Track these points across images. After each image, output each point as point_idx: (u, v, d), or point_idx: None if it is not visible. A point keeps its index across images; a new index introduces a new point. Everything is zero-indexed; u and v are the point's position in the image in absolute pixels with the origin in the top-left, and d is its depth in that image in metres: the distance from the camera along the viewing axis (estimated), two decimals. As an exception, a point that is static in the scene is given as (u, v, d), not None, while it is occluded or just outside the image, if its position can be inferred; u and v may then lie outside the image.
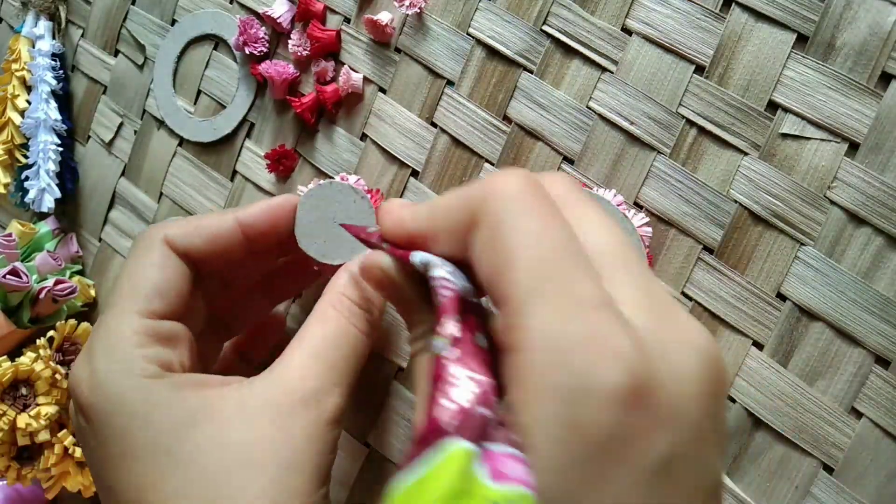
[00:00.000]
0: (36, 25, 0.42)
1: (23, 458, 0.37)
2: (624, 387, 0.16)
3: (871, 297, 0.28)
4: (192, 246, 0.28)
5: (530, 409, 0.16)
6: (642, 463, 0.16)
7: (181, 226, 0.28)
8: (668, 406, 0.16)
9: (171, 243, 0.28)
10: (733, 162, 0.30)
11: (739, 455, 0.30)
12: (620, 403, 0.16)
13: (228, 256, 0.29)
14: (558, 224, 0.18)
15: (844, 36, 0.28)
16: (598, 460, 0.16)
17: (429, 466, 0.15)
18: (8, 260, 0.38)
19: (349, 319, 0.27)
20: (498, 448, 0.15)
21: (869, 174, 0.28)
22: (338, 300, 0.27)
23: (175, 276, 0.27)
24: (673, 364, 0.17)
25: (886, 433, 0.28)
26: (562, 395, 0.16)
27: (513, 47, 0.33)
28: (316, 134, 0.37)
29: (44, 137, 0.41)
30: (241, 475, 0.22)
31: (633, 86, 0.31)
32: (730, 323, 0.30)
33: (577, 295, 0.17)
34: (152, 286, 0.26)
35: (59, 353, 0.38)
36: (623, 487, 0.16)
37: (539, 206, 0.18)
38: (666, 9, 0.30)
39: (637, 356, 0.16)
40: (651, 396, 0.16)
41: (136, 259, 0.27)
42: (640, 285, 0.18)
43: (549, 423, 0.16)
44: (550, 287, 0.17)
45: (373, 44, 0.35)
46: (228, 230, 0.29)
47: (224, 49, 0.39)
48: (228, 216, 0.29)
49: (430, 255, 0.20)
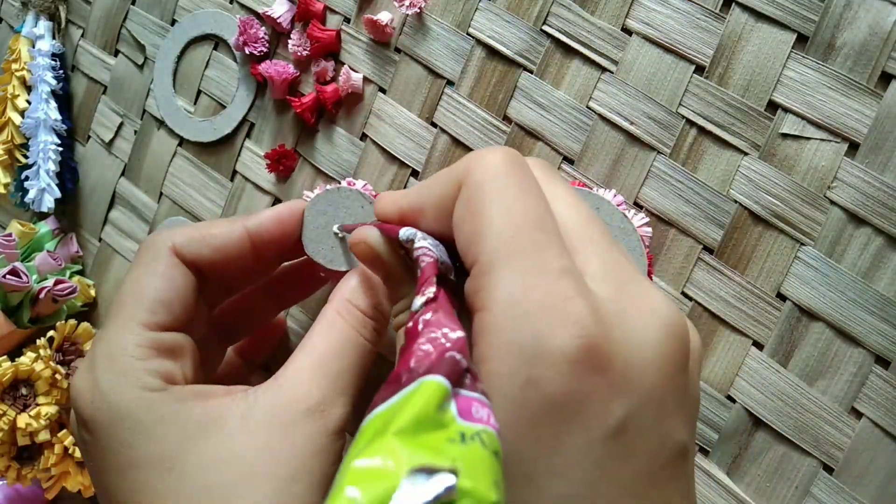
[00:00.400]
0: (36, 25, 0.42)
1: (23, 458, 0.37)
2: (578, 349, 0.16)
3: (871, 297, 0.28)
4: (199, 255, 0.27)
5: (491, 367, 0.17)
6: (596, 426, 0.16)
7: (189, 234, 0.28)
8: (624, 372, 0.17)
9: (179, 252, 0.27)
10: (733, 162, 0.30)
11: (739, 455, 0.30)
12: (574, 365, 0.16)
13: (236, 265, 0.29)
14: (534, 196, 0.19)
15: (844, 36, 0.28)
16: (552, 421, 0.16)
17: (402, 395, 0.15)
18: (8, 260, 0.38)
19: (354, 327, 0.26)
20: (468, 393, 0.15)
21: (869, 174, 0.28)
22: (343, 307, 0.27)
23: (181, 287, 0.27)
24: (632, 332, 0.18)
25: (886, 433, 0.28)
26: (520, 354, 0.17)
27: (513, 47, 0.33)
28: (316, 134, 0.37)
29: (44, 137, 0.41)
30: (244, 488, 0.22)
31: (633, 86, 0.31)
32: (730, 323, 0.30)
33: (543, 263, 0.18)
34: (157, 297, 0.26)
35: (59, 353, 0.38)
36: (576, 450, 0.16)
37: (519, 180, 0.19)
38: (666, 9, 0.30)
39: (593, 321, 0.17)
40: (606, 361, 0.17)
41: (142, 267, 0.27)
42: (606, 259, 0.19)
43: (506, 381, 0.17)
44: (519, 254, 0.18)
45: (373, 44, 0.35)
46: (237, 239, 0.28)
47: (224, 49, 0.39)
48: (237, 225, 0.28)
49: (416, 230, 0.21)
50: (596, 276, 0.18)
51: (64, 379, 0.37)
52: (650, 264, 0.30)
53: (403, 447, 0.14)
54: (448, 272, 0.21)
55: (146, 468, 0.23)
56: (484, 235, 0.18)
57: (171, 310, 0.26)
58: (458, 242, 0.20)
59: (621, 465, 0.17)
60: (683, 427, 0.18)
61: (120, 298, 0.26)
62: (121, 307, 0.26)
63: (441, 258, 0.20)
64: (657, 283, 0.31)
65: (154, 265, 0.27)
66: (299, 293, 0.35)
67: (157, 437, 0.23)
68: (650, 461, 0.17)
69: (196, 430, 0.23)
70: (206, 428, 0.23)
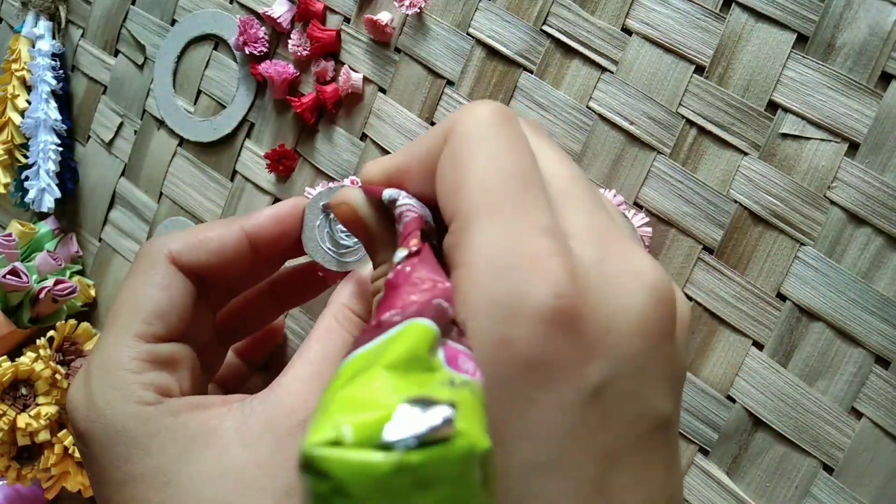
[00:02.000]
0: (36, 25, 0.42)
1: (23, 458, 0.37)
2: (552, 310, 0.16)
3: (870, 297, 0.28)
4: (197, 261, 0.27)
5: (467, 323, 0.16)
6: (570, 391, 0.16)
7: (185, 239, 0.27)
8: (602, 336, 0.16)
9: (176, 259, 0.27)
10: (733, 162, 0.30)
11: (739, 455, 0.30)
12: (548, 326, 0.16)
13: (235, 267, 0.28)
14: (521, 151, 0.18)
15: (844, 36, 0.28)
16: (524, 383, 0.16)
17: (387, 336, 0.14)
18: (8, 260, 0.38)
19: (352, 333, 0.26)
20: (455, 345, 0.15)
21: (869, 174, 0.28)
22: (341, 312, 0.26)
23: (178, 296, 0.26)
24: (613, 296, 0.17)
25: (886, 433, 0.28)
26: (494, 313, 0.16)
27: (512, 47, 0.33)
28: (316, 134, 0.37)
29: (44, 137, 0.41)
30: (240, 502, 0.22)
31: (633, 86, 0.31)
32: (730, 323, 0.30)
33: (525, 219, 0.17)
34: (153, 308, 0.26)
35: (59, 353, 0.38)
36: (548, 414, 0.16)
37: (506, 132, 0.18)
38: (666, 9, 0.30)
39: (569, 281, 0.16)
40: (583, 324, 0.16)
41: (138, 277, 0.26)
42: (593, 220, 0.18)
43: (479, 340, 0.16)
44: (501, 208, 0.17)
45: (373, 44, 0.35)
46: (235, 242, 0.28)
47: (224, 49, 0.39)
48: (235, 227, 0.28)
49: (401, 191, 0.20)
50: (580, 237, 0.18)
51: (64, 379, 0.37)
52: None
53: (395, 379, 0.13)
54: (432, 234, 0.19)
55: (142, 483, 0.23)
56: (465, 188, 0.18)
57: (168, 321, 0.26)
58: (439, 197, 0.19)
59: (596, 432, 0.16)
60: (666, 397, 0.18)
61: (116, 309, 0.26)
62: (116, 318, 0.26)
63: (426, 217, 0.19)
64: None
65: (150, 274, 0.26)
66: (301, 297, 0.35)
67: (153, 452, 0.23)
68: (628, 430, 0.17)
69: (192, 444, 0.23)
70: (201, 441, 0.23)
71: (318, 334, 0.26)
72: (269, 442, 0.23)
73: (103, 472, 0.23)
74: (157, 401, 0.24)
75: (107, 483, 0.23)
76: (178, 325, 0.26)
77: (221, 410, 0.24)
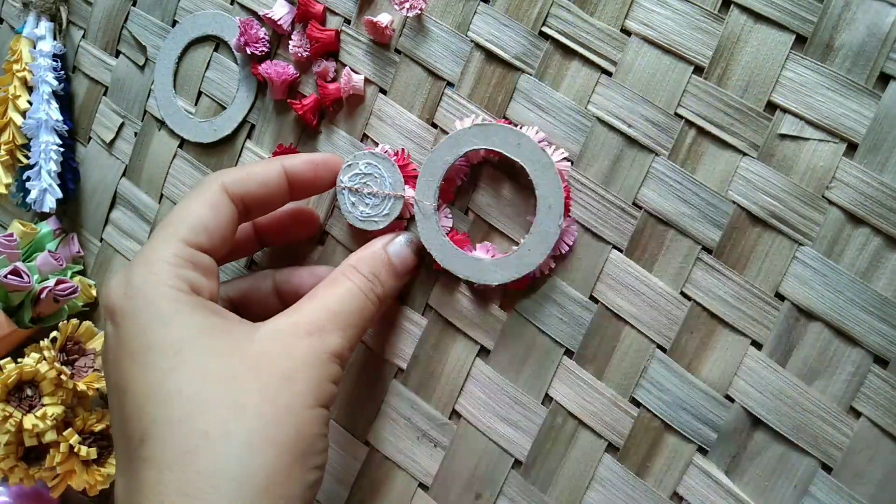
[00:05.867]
0: (37, 26, 0.42)
1: (29, 458, 0.38)
2: None
3: (869, 297, 0.28)
4: (246, 191, 0.30)
5: None
6: None
7: (236, 173, 0.30)
8: None
9: (227, 188, 0.30)
10: (732, 162, 0.30)
11: (738, 454, 0.30)
12: None
13: (274, 200, 0.32)
14: None
15: (843, 37, 0.28)
16: None
17: None
18: (9, 260, 0.38)
19: (356, 285, 0.30)
20: None
21: (867, 174, 0.28)
22: (348, 271, 0.30)
23: (224, 218, 0.29)
24: None
25: (885, 432, 0.28)
26: None
27: (511, 51, 0.33)
28: (317, 135, 0.37)
29: (45, 138, 0.41)
30: (242, 380, 0.25)
31: (632, 87, 0.31)
32: (728, 323, 0.30)
33: None
34: (201, 221, 0.29)
35: (62, 354, 0.39)
36: None
37: None
38: (665, 10, 0.30)
39: None
40: None
41: (192, 198, 0.29)
42: None
43: None
44: None
45: (373, 45, 0.36)
46: (276, 175, 0.31)
47: (224, 50, 0.39)
48: (276, 163, 0.31)
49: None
50: None
51: (69, 379, 0.38)
52: (567, 196, 0.31)
53: None
54: None
55: (154, 352, 0.25)
56: None
57: (211, 237, 0.29)
58: None
59: None
60: None
61: (166, 220, 0.29)
62: (165, 226, 0.29)
63: None
64: (656, 282, 0.31)
65: (203, 195, 0.29)
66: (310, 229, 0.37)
67: (174, 326, 0.26)
68: None
69: (208, 329, 0.26)
70: (217, 329, 0.26)
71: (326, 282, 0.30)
72: (275, 340, 0.27)
73: (123, 347, 0.26)
74: (187, 291, 0.27)
75: (125, 356, 0.26)
76: (219, 245, 0.29)
77: (237, 321, 0.28)
